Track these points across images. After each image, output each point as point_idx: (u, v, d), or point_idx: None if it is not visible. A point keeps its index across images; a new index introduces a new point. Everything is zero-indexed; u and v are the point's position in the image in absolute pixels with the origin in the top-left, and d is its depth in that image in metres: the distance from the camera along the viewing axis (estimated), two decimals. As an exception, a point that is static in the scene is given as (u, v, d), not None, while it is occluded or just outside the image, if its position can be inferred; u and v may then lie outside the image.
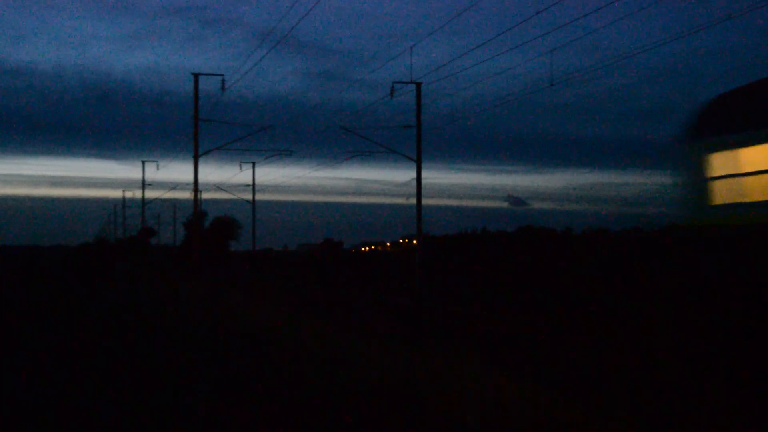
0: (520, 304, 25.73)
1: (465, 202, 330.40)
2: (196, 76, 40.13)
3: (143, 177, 78.10)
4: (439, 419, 7.82)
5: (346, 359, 11.45)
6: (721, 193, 12.03)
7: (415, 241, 47.64)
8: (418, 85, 35.69)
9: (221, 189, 68.43)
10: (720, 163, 12.10)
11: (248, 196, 67.68)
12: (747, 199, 11.60)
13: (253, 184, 66.86)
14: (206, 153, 42.93)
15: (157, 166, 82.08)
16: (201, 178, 62.02)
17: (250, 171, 66.85)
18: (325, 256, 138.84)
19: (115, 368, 12.37)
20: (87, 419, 8.82)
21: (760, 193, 11.30)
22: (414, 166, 36.75)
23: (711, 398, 8.83)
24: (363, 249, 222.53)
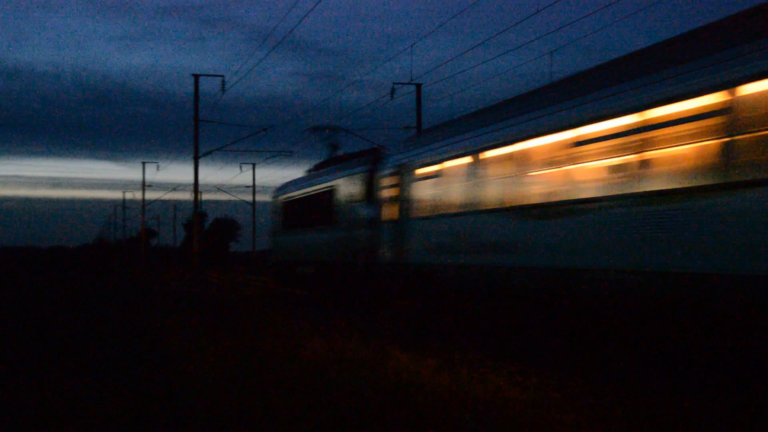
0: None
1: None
2: (196, 77, 40.16)
3: (143, 178, 78.17)
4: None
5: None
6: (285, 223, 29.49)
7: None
8: (418, 86, 35.67)
9: (221, 190, 68.57)
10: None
11: (248, 197, 67.76)
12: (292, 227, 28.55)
13: (254, 185, 67.01)
14: (206, 154, 42.93)
15: (157, 167, 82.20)
16: (201, 179, 61.93)
17: (250, 172, 66.97)
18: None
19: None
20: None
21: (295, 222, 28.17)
22: (414, 166, 36.71)
23: None
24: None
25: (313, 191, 25.41)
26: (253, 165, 65.92)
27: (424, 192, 16.79)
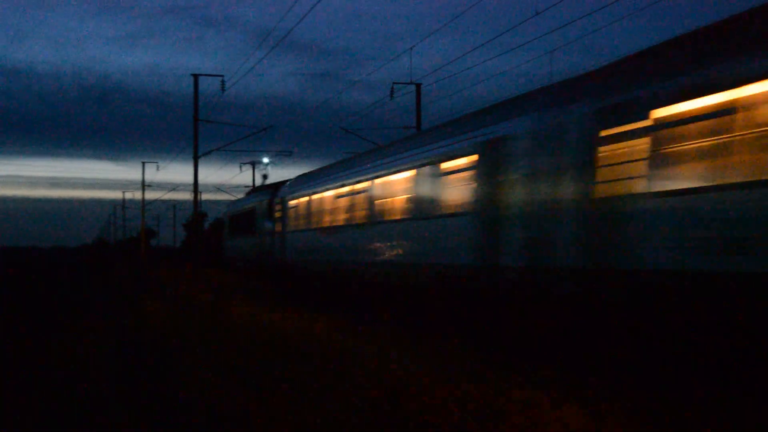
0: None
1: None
2: (195, 76, 40.15)
3: (143, 178, 78.26)
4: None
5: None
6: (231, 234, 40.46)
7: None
8: (418, 85, 35.70)
9: (221, 190, 68.58)
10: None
11: (248, 197, 67.73)
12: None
13: (253, 185, 66.89)
14: (206, 154, 42.97)
15: (157, 167, 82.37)
16: (201, 179, 62.04)
17: (250, 172, 67.03)
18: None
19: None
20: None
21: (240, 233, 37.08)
22: (414, 166, 36.63)
23: None
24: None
25: (244, 210, 36.20)
26: (253, 165, 65.94)
27: (291, 215, 26.42)
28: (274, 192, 30.29)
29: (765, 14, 8.53)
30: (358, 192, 19.42)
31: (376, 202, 18.22)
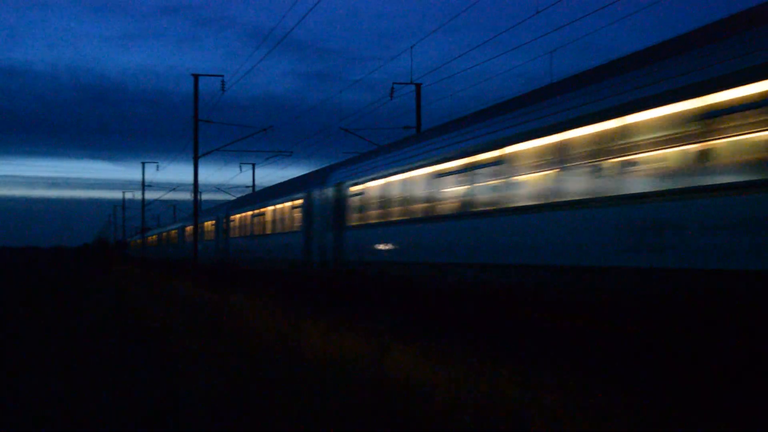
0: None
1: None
2: (195, 77, 40.09)
3: (143, 178, 78.37)
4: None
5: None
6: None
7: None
8: (418, 86, 35.64)
9: (221, 190, 68.53)
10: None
11: (248, 197, 67.57)
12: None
13: (253, 185, 66.89)
14: (206, 154, 42.96)
15: (157, 167, 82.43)
16: (201, 179, 61.93)
17: (250, 172, 66.96)
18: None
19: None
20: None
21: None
22: (414, 166, 36.53)
23: None
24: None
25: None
26: (253, 165, 65.91)
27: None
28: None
29: None
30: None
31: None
